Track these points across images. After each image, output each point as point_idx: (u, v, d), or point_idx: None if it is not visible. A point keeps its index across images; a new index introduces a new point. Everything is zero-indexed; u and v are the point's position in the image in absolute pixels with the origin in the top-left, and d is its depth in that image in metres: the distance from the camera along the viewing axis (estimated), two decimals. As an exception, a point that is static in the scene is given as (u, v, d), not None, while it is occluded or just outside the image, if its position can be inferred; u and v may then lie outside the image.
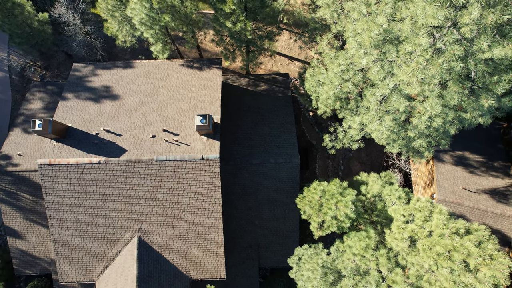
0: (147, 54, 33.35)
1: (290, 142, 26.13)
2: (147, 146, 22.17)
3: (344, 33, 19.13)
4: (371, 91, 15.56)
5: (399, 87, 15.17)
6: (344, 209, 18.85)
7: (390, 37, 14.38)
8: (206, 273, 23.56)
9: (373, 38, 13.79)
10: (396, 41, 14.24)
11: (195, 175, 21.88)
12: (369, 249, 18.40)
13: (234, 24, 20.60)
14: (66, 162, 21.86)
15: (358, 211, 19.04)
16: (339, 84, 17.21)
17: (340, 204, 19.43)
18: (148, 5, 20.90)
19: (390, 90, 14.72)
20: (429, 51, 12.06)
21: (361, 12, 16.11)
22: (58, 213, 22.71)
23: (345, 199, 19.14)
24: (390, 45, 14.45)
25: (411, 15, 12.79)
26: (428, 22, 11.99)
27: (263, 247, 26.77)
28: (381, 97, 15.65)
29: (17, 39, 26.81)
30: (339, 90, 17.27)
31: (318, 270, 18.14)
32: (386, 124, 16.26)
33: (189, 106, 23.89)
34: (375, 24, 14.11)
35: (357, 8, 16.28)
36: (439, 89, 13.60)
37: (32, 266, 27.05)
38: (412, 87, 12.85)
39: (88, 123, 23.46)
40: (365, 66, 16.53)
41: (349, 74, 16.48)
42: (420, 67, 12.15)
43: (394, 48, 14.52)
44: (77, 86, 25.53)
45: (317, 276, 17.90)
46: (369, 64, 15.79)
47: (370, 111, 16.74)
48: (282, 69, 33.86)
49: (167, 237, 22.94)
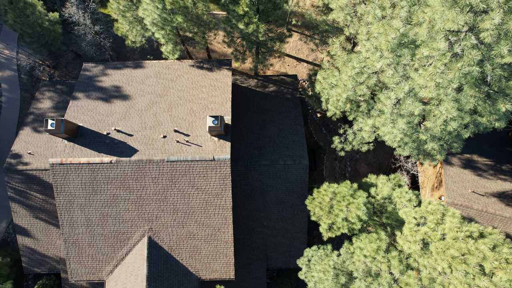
0: (156, 54, 33.51)
1: (299, 143, 26.21)
2: (158, 146, 22.27)
3: (357, 36, 19.23)
4: (386, 94, 15.63)
5: (414, 90, 15.25)
6: (356, 211, 18.94)
7: (406, 41, 14.46)
8: (215, 273, 23.66)
9: (390, 41, 13.86)
10: (412, 45, 14.31)
11: (206, 175, 21.98)
12: (380, 251, 18.49)
13: (247, 26, 20.68)
14: (77, 161, 21.97)
15: (369, 213, 19.11)
16: (352, 86, 17.28)
17: (351, 206, 19.51)
18: (160, 6, 21.00)
19: (405, 93, 14.79)
20: (447, 55, 12.13)
21: (376, 16, 16.18)
22: (69, 212, 22.83)
23: (357, 201, 19.23)
24: (406, 49, 14.52)
25: (429, 19, 12.86)
26: (446, 26, 12.07)
27: (271, 248, 26.85)
28: (396, 100, 15.72)
29: (28, 38, 26.93)
30: (353, 92, 17.34)
31: (330, 272, 18.23)
32: (399, 127, 16.32)
33: (199, 106, 23.98)
34: (391, 28, 14.18)
35: (371, 12, 16.34)
36: (455, 93, 13.67)
37: (41, 265, 27.18)
38: (429, 91, 12.92)
39: (99, 123, 23.57)
40: (379, 69, 16.62)
41: (363, 77, 16.54)
42: (438, 71, 12.22)
43: (409, 52, 14.59)
44: (88, 86, 25.64)
45: (328, 277, 17.99)
46: (383, 67, 15.87)
47: (384, 114, 16.80)
48: (290, 70, 33.94)
49: (177, 237, 23.04)
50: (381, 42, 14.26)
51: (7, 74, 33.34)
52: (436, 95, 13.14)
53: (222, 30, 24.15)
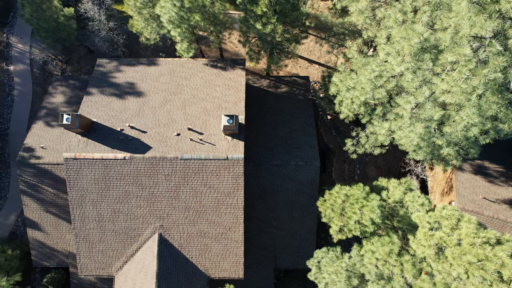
0: (168, 52, 33.60)
1: (311, 145, 26.24)
2: (171, 144, 22.34)
3: (376, 39, 19.25)
4: (406, 98, 15.64)
5: (433, 95, 15.27)
6: (370, 214, 18.95)
7: (428, 45, 14.47)
8: (224, 272, 23.72)
9: (413, 46, 13.87)
10: (434, 50, 14.32)
11: (219, 174, 22.03)
12: (392, 255, 18.49)
13: (264, 26, 20.72)
14: (91, 156, 22.06)
15: (383, 217, 19.12)
16: (371, 89, 17.30)
17: (365, 209, 19.53)
18: (178, 4, 21.06)
19: (426, 98, 14.80)
20: (473, 61, 12.14)
21: (397, 20, 16.20)
22: (81, 207, 22.92)
23: (371, 204, 19.24)
24: (428, 54, 14.53)
25: (454, 24, 12.88)
26: (472, 32, 12.08)
27: (280, 248, 26.89)
28: (415, 105, 15.74)
29: (43, 33, 27.04)
30: (371, 95, 17.36)
31: (343, 274, 18.26)
32: (417, 131, 16.33)
33: (213, 105, 24.04)
34: (415, 32, 14.20)
35: (393, 16, 16.36)
36: (477, 99, 13.68)
37: (50, 258, 27.30)
38: (453, 97, 12.93)
39: (113, 119, 23.65)
40: (398, 73, 16.64)
41: (382, 80, 16.56)
42: (463, 77, 12.24)
43: (431, 57, 14.61)
44: (102, 82, 25.73)
45: (341, 279, 18.01)
46: (403, 72, 15.88)
47: (400, 118, 16.81)
48: (302, 71, 33.97)
49: (188, 235, 23.11)
50: (404, 46, 14.28)
51: (20, 68, 33.48)
52: (460, 100, 13.15)
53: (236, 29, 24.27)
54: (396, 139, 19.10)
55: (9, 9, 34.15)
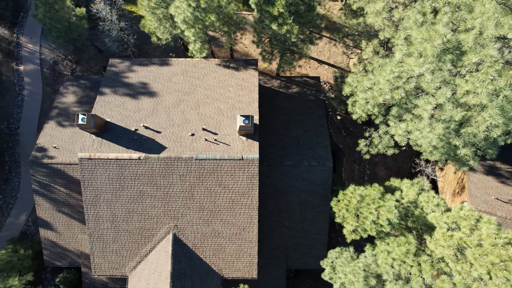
0: (177, 52, 33.64)
1: (323, 145, 26.27)
2: (186, 144, 22.37)
3: (393, 40, 19.28)
4: (426, 99, 15.68)
5: (455, 96, 15.31)
6: (387, 214, 19.00)
7: (450, 46, 14.51)
8: (238, 272, 23.75)
9: (436, 47, 13.91)
10: (457, 51, 14.36)
11: (234, 174, 22.06)
12: (409, 255, 18.53)
13: (280, 27, 20.75)
14: (106, 156, 22.09)
15: (401, 217, 19.16)
16: (389, 90, 17.33)
17: (381, 209, 19.57)
18: (194, 4, 21.08)
19: (447, 99, 14.84)
20: (500, 62, 12.18)
21: (417, 21, 16.23)
22: (95, 207, 22.94)
23: (388, 204, 19.29)
24: (450, 54, 14.57)
25: (479, 25, 12.92)
26: (498, 33, 12.12)
27: (291, 249, 26.92)
28: (435, 105, 15.78)
29: (56, 33, 27.07)
30: (390, 96, 17.39)
31: (360, 274, 18.30)
32: (437, 132, 16.36)
33: (227, 106, 24.07)
34: (437, 34, 14.24)
35: (412, 17, 16.38)
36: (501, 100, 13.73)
37: (62, 258, 27.33)
38: (477, 97, 12.96)
39: (127, 119, 23.68)
40: (417, 74, 16.67)
41: (401, 81, 16.59)
42: (489, 78, 12.28)
43: (453, 58, 14.64)
44: (114, 82, 25.76)
45: (359, 279, 18.05)
46: (423, 72, 15.91)
47: (417, 118, 16.85)
48: (311, 72, 34.01)
49: (202, 235, 23.14)
50: (426, 48, 14.32)
51: (30, 68, 33.51)
52: (483, 101, 13.19)
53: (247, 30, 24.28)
54: (413, 140, 19.15)
55: (19, 9, 34.17)
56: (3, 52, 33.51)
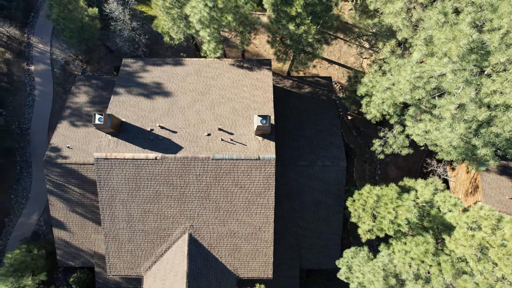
0: (188, 52, 33.66)
1: (337, 145, 26.30)
2: (202, 144, 22.38)
3: (412, 40, 19.31)
4: (449, 99, 15.71)
5: (478, 95, 15.34)
6: (406, 214, 19.03)
7: (475, 46, 14.54)
8: (253, 272, 23.78)
9: (462, 47, 13.94)
10: (482, 51, 14.40)
11: (250, 174, 22.08)
12: (429, 254, 18.57)
13: (298, 27, 20.77)
14: (122, 156, 22.09)
15: (420, 216, 19.20)
16: (410, 90, 17.36)
17: (400, 208, 19.61)
18: (211, 4, 21.09)
19: (471, 98, 14.87)
20: (529, 62, 12.22)
21: (439, 21, 16.27)
22: (111, 207, 22.95)
23: (406, 203, 19.32)
24: (474, 54, 14.61)
25: (508, 25, 12.95)
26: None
27: (305, 248, 26.95)
28: (457, 105, 15.81)
29: (69, 33, 27.07)
30: (410, 96, 17.42)
31: (380, 273, 18.33)
32: (458, 132, 16.39)
33: (242, 106, 24.09)
34: (462, 34, 14.27)
35: (434, 17, 16.42)
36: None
37: (75, 258, 27.35)
38: (504, 97, 12.99)
39: (142, 119, 23.68)
40: (438, 74, 16.70)
41: (423, 81, 16.62)
42: (518, 78, 12.31)
43: (477, 57, 14.68)
44: (128, 82, 25.76)
45: (379, 278, 18.08)
46: (445, 73, 15.93)
47: (443, 119, 16.87)
48: (321, 72, 34.03)
49: (218, 235, 23.16)
50: (451, 48, 14.35)
51: (41, 68, 33.51)
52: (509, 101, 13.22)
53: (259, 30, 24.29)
54: (431, 140, 19.18)
55: (30, 9, 34.15)
56: (14, 52, 33.50)
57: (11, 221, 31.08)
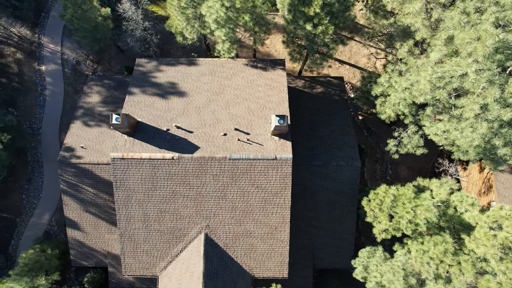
0: (199, 52, 33.67)
1: (351, 145, 26.34)
2: (219, 144, 22.39)
3: (431, 40, 19.34)
4: (472, 99, 15.74)
5: (502, 95, 15.38)
6: (425, 213, 19.05)
7: (500, 46, 14.58)
8: (268, 271, 23.79)
9: (488, 47, 13.98)
10: (508, 51, 14.43)
11: (267, 174, 22.10)
12: (448, 254, 18.60)
13: (315, 27, 20.79)
14: (139, 156, 22.10)
15: (440, 215, 19.23)
16: (431, 90, 17.39)
17: (419, 208, 19.64)
18: (228, 4, 21.10)
19: (496, 99, 14.91)
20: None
21: (461, 21, 16.30)
22: (127, 207, 22.96)
23: (425, 203, 19.34)
24: (500, 54, 14.64)
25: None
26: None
27: (318, 248, 26.97)
28: (481, 105, 15.84)
29: (82, 33, 27.06)
30: (431, 96, 17.45)
31: (400, 273, 18.35)
32: (481, 131, 16.43)
33: (257, 105, 24.10)
34: (488, 33, 14.31)
35: (456, 17, 16.46)
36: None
37: (89, 258, 27.35)
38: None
39: (158, 119, 23.69)
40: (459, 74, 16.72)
41: (444, 81, 16.65)
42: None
43: (501, 57, 14.71)
44: (143, 82, 25.77)
45: (399, 278, 18.10)
46: (468, 72, 15.96)
47: (464, 119, 16.91)
48: (332, 72, 34.06)
49: (234, 235, 23.17)
50: (477, 48, 14.38)
51: (51, 68, 33.49)
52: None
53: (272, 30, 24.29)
54: (451, 140, 19.21)
55: (41, 9, 34.13)
56: (25, 52, 33.49)
57: (23, 221, 31.06)
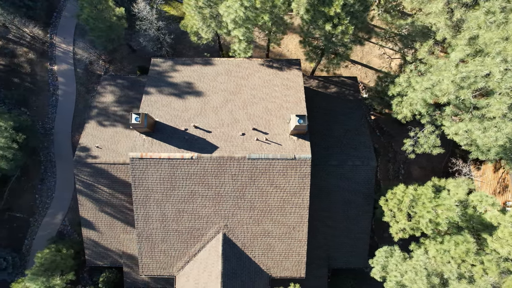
0: (212, 52, 33.67)
1: (366, 145, 26.37)
2: (238, 143, 22.40)
3: (453, 40, 19.38)
4: (499, 99, 15.78)
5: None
6: (447, 213, 19.09)
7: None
8: (286, 271, 23.81)
9: (518, 47, 14.02)
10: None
11: (286, 174, 22.11)
12: (470, 254, 18.64)
13: (335, 27, 20.81)
14: (157, 156, 22.09)
15: (464, 215, 19.27)
16: (455, 90, 17.42)
17: (440, 207, 19.67)
18: (248, 4, 21.09)
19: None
20: None
21: (487, 20, 16.34)
22: (145, 207, 22.95)
23: (448, 202, 19.37)
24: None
25: None
26: None
27: (333, 248, 27.00)
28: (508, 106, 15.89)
29: (98, 33, 27.03)
30: (454, 96, 17.49)
31: (423, 272, 18.38)
32: (505, 131, 16.47)
33: (274, 105, 24.11)
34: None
35: (482, 17, 16.50)
36: None
37: (104, 258, 27.32)
38: None
39: (175, 118, 23.68)
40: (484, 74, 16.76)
41: (469, 81, 16.68)
42: None
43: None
44: (159, 81, 25.75)
45: (422, 277, 18.13)
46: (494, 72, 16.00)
47: (488, 119, 16.95)
48: (344, 72, 34.10)
49: (252, 235, 23.18)
50: (506, 47, 14.42)
51: (64, 68, 33.45)
52: None
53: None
54: (473, 139, 19.25)
55: (53, 9, 34.08)
56: (37, 52, 33.44)
57: (36, 220, 31.02)
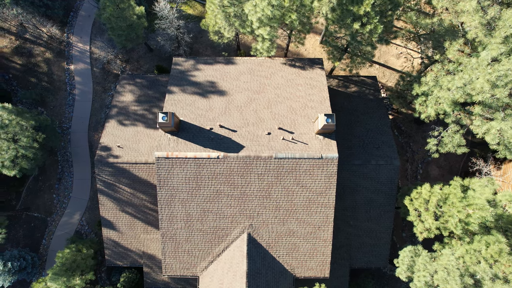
0: (229, 51, 33.54)
1: (389, 144, 26.26)
2: (264, 143, 22.27)
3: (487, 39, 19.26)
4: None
5: None
6: (479, 212, 18.97)
7: None
8: (310, 271, 23.67)
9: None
10: None
11: (312, 173, 21.99)
12: (504, 254, 18.51)
13: (363, 26, 20.71)
14: (183, 156, 21.96)
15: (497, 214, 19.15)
16: (490, 89, 17.32)
17: (471, 207, 19.55)
18: (276, 3, 20.98)
19: None
20: None
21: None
22: (170, 207, 22.81)
23: (479, 202, 19.25)
24: None
25: None
26: None
27: (355, 248, 26.88)
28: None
29: (118, 31, 26.88)
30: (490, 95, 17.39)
31: (456, 272, 18.25)
32: (542, 130, 16.37)
33: (299, 104, 24.00)
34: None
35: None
36: None
37: (123, 258, 27.18)
38: None
39: (200, 118, 23.56)
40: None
41: (506, 79, 16.58)
42: None
43: None
44: (181, 80, 25.64)
45: (455, 277, 18.00)
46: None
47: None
48: (362, 71, 33.97)
49: (276, 234, 23.05)
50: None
51: (80, 67, 33.31)
52: None
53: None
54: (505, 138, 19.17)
55: (69, 8, 33.93)
56: (54, 52, 33.29)
57: (53, 220, 30.86)
